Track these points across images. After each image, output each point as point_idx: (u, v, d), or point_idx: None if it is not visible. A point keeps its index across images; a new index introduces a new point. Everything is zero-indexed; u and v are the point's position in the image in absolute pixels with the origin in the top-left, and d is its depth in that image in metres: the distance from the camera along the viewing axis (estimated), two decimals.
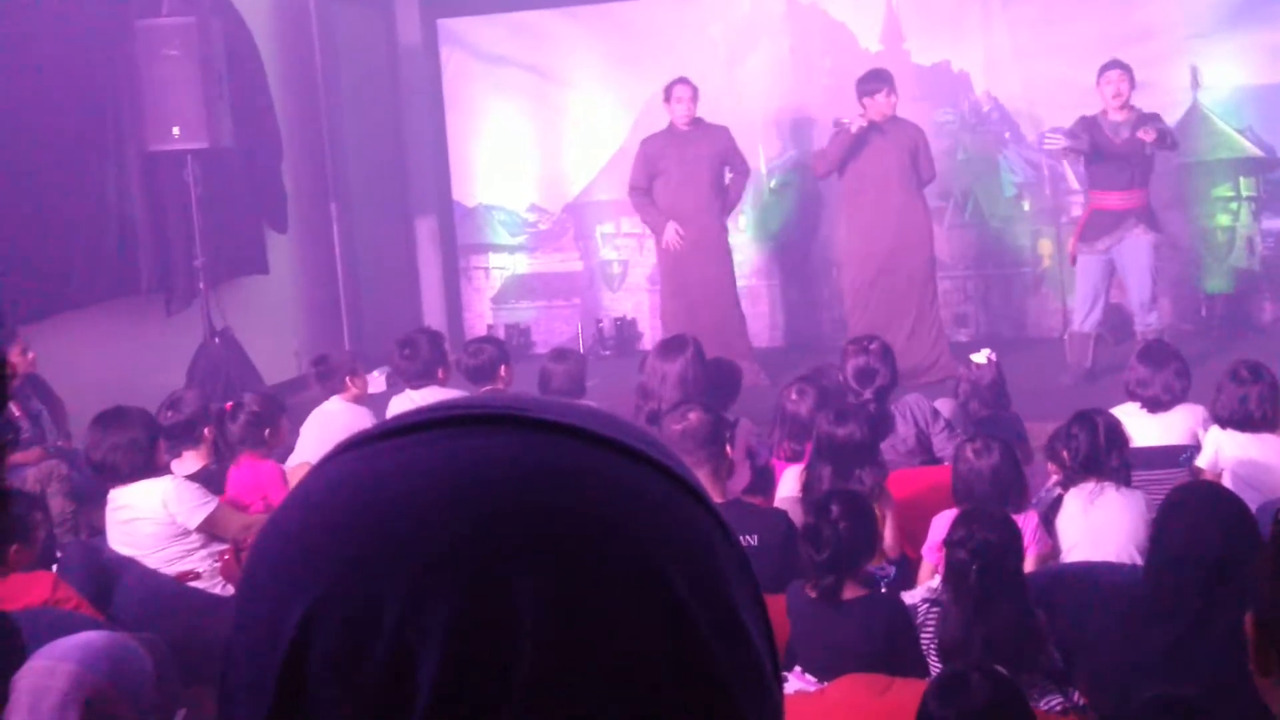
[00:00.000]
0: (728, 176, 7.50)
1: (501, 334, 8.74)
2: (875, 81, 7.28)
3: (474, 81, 9.51)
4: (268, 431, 4.84)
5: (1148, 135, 6.82)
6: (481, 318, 9.61)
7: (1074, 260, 7.24)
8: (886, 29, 8.76)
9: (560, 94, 9.39)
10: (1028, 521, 3.88)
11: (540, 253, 9.58)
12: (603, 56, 9.24)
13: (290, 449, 5.29)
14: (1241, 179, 8.32)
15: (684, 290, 7.45)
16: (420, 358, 5.49)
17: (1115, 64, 7.06)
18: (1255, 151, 8.28)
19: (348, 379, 5.55)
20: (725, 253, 7.58)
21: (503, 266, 9.66)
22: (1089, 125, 7.05)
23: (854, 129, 7.22)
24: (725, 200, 7.53)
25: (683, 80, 7.45)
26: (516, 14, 9.34)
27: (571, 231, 9.51)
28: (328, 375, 5.60)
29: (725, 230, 7.60)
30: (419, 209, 9.78)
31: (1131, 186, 6.99)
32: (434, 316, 9.34)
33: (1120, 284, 7.25)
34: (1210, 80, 8.26)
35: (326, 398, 5.55)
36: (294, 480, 4.09)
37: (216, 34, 7.08)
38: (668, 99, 7.45)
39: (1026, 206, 8.65)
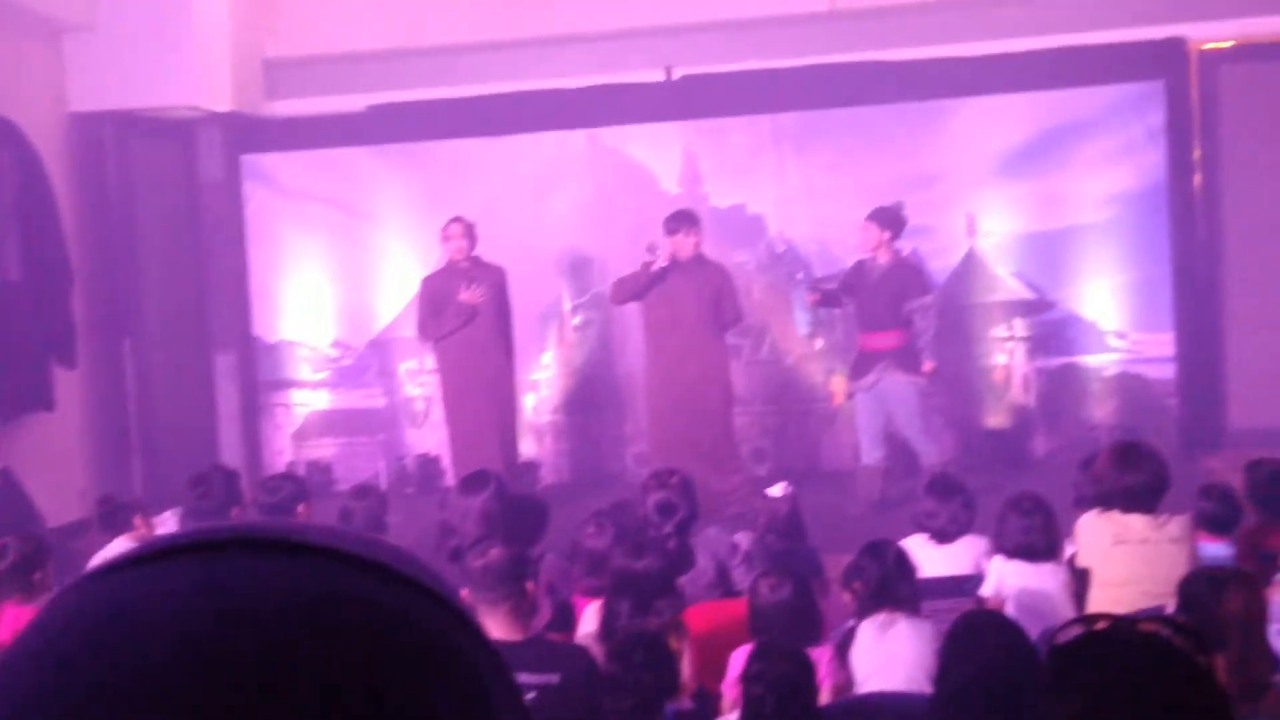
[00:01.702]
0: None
1: (302, 471, 8.58)
2: (677, 221, 7.55)
3: (278, 217, 9.46)
4: (36, 576, 4.63)
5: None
6: (282, 455, 9.42)
7: (847, 397, 7.64)
8: (685, 172, 9.06)
9: (366, 230, 9.41)
10: (822, 654, 3.97)
11: (343, 389, 9.48)
12: (409, 193, 9.32)
13: None
14: (1016, 320, 8.80)
15: (473, 419, 7.51)
16: (214, 496, 5.36)
17: (871, 215, 7.50)
18: (1028, 294, 8.79)
19: (136, 520, 5.36)
20: (511, 390, 7.67)
21: (304, 403, 9.52)
22: (856, 270, 7.51)
23: (655, 267, 7.44)
24: (510, 341, 7.64)
25: (457, 219, 7.60)
26: (323, 150, 9.36)
27: (375, 367, 9.45)
28: (112, 516, 5.40)
29: (512, 367, 7.71)
30: (219, 344, 9.59)
31: (888, 328, 7.40)
32: (232, 454, 9.11)
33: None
34: (986, 227, 8.76)
35: (111, 541, 5.35)
36: None
37: (5, 165, 6.90)
38: (447, 236, 7.58)
39: (819, 344, 8.97)
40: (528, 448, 7.99)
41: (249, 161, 9.45)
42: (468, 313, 7.47)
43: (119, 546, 5.26)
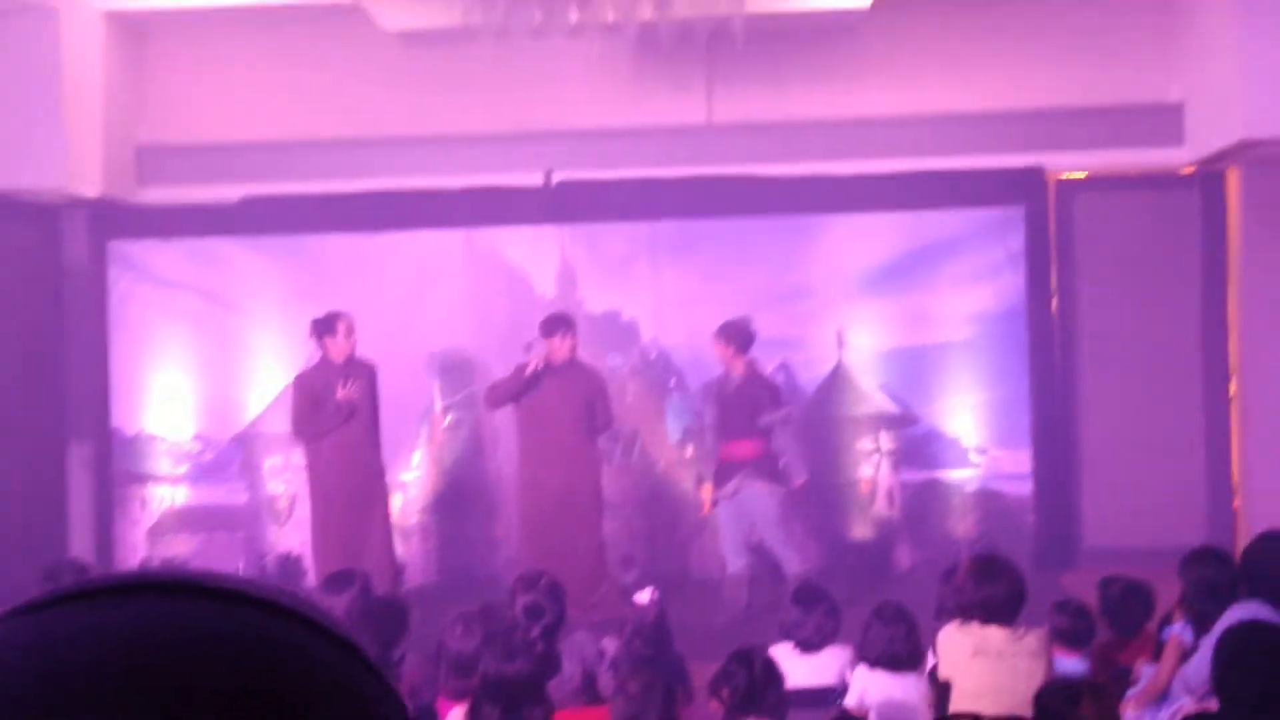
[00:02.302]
0: None
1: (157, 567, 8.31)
2: (554, 325, 7.61)
3: (144, 306, 9.25)
4: None
5: (764, 424, 7.53)
6: (136, 551, 9.12)
7: (712, 505, 7.72)
8: (561, 276, 9.13)
9: (234, 322, 9.25)
10: None
11: (203, 484, 9.24)
12: (279, 287, 9.20)
13: None
14: (882, 433, 8.98)
15: (342, 518, 7.38)
16: None
17: (717, 331, 7.71)
18: (893, 408, 8.98)
19: None
20: (383, 490, 7.62)
21: (162, 498, 9.25)
22: (719, 380, 7.63)
23: (531, 370, 7.46)
24: (380, 440, 7.59)
25: (341, 315, 7.51)
26: (192, 239, 9.22)
27: (238, 462, 9.24)
28: None
29: (383, 466, 7.65)
30: (74, 434, 9.30)
31: (746, 438, 7.51)
32: (83, 548, 8.80)
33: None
34: (854, 341, 8.96)
35: None
36: None
37: None
38: (332, 332, 7.45)
39: (690, 451, 9.02)
40: (395, 548, 7.84)
41: (116, 248, 9.26)
42: (345, 411, 7.36)
43: None
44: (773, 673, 4.31)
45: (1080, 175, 9.16)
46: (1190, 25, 8.76)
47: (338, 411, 7.36)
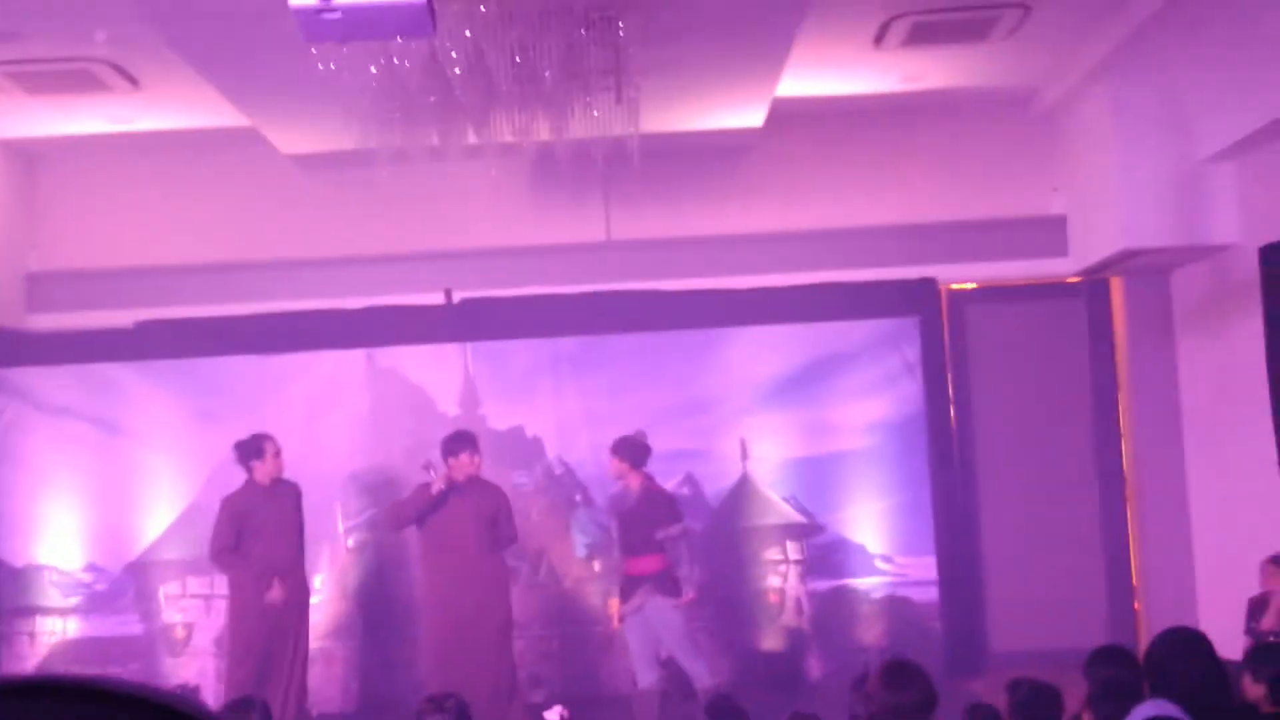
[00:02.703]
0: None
1: None
2: (458, 443, 7.56)
3: (31, 433, 9.01)
4: None
5: (664, 537, 7.50)
6: None
7: (620, 621, 7.64)
8: (463, 393, 9.09)
9: (126, 448, 9.04)
10: None
11: (95, 616, 8.93)
12: (177, 411, 9.03)
13: None
14: (789, 543, 9.00)
15: (258, 649, 7.20)
16: None
17: (612, 447, 7.69)
18: (799, 518, 9.02)
19: None
20: (305, 614, 7.47)
21: (52, 631, 8.92)
22: (617, 498, 7.62)
23: (434, 489, 7.38)
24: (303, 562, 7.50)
25: (268, 437, 7.45)
26: (83, 365, 9.04)
27: (132, 592, 8.96)
28: None
29: (307, 590, 7.54)
30: None
31: (646, 553, 7.48)
32: None
33: None
34: (758, 452, 9.01)
35: None
36: None
37: None
38: (259, 455, 7.36)
39: (597, 566, 8.95)
40: (307, 674, 7.64)
41: (3, 375, 9.04)
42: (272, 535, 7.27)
43: None
44: None
45: (971, 286, 9.40)
46: (1071, 141, 9.11)
47: (262, 534, 7.22)
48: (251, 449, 7.42)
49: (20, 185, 9.24)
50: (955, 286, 9.34)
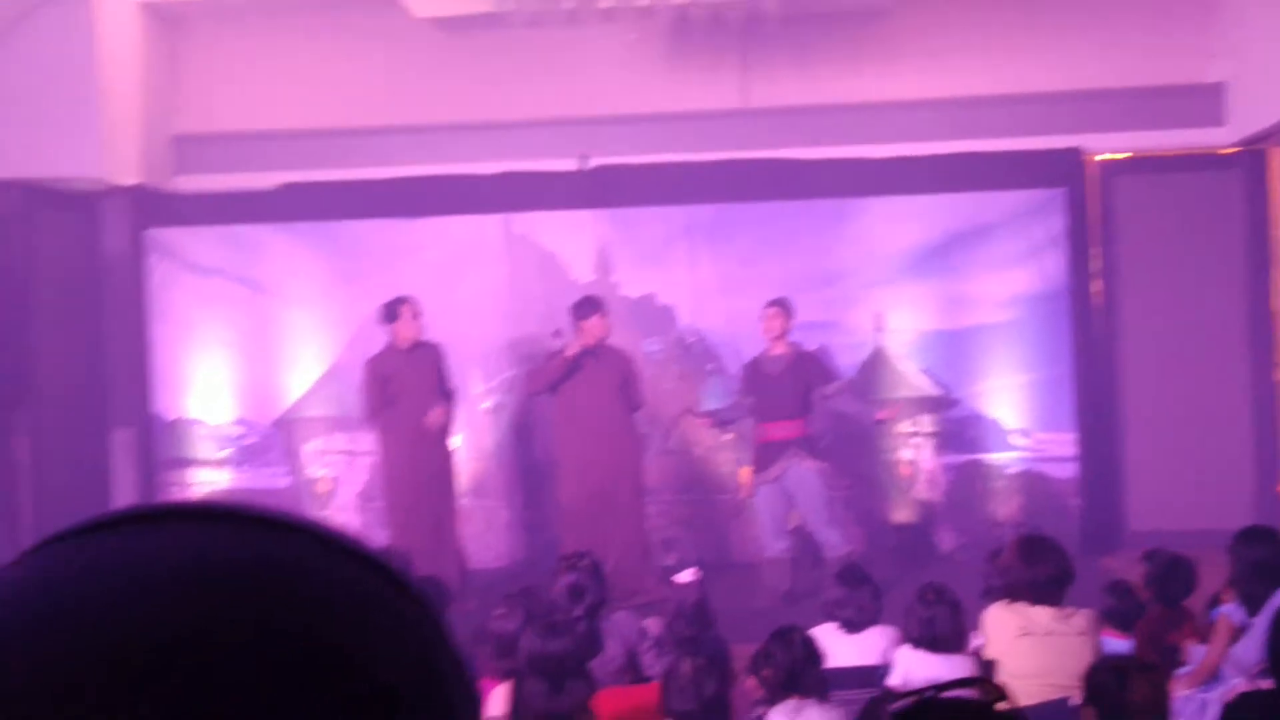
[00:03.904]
0: None
1: None
2: (587, 306, 7.60)
3: (182, 292, 9.30)
4: None
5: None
6: None
7: (753, 491, 7.66)
8: (597, 261, 9.11)
9: (272, 307, 9.29)
10: None
11: (245, 468, 9.28)
12: (318, 272, 9.23)
13: None
14: (922, 416, 8.92)
15: (413, 501, 7.43)
16: None
17: (771, 302, 7.59)
18: (934, 391, 8.92)
19: None
20: (450, 468, 7.64)
21: (205, 483, 9.30)
22: (753, 366, 7.57)
23: (570, 354, 7.45)
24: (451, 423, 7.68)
25: (406, 299, 7.56)
26: (229, 226, 9.26)
27: (279, 447, 9.28)
28: None
29: (450, 450, 7.73)
30: (116, 421, 9.35)
31: (790, 418, 7.46)
32: None
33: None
34: (893, 324, 8.90)
35: None
36: None
37: None
38: (396, 316, 7.50)
39: (728, 435, 8.99)
40: (459, 532, 7.88)
41: (154, 236, 9.31)
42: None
43: None
44: (813, 652, 4.29)
45: (1121, 156, 9.06)
46: (1232, 5, 8.65)
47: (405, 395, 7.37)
48: (389, 311, 7.55)
49: (165, 48, 9.39)
50: (1104, 157, 9.01)
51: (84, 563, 0.53)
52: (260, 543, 0.54)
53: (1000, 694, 1.93)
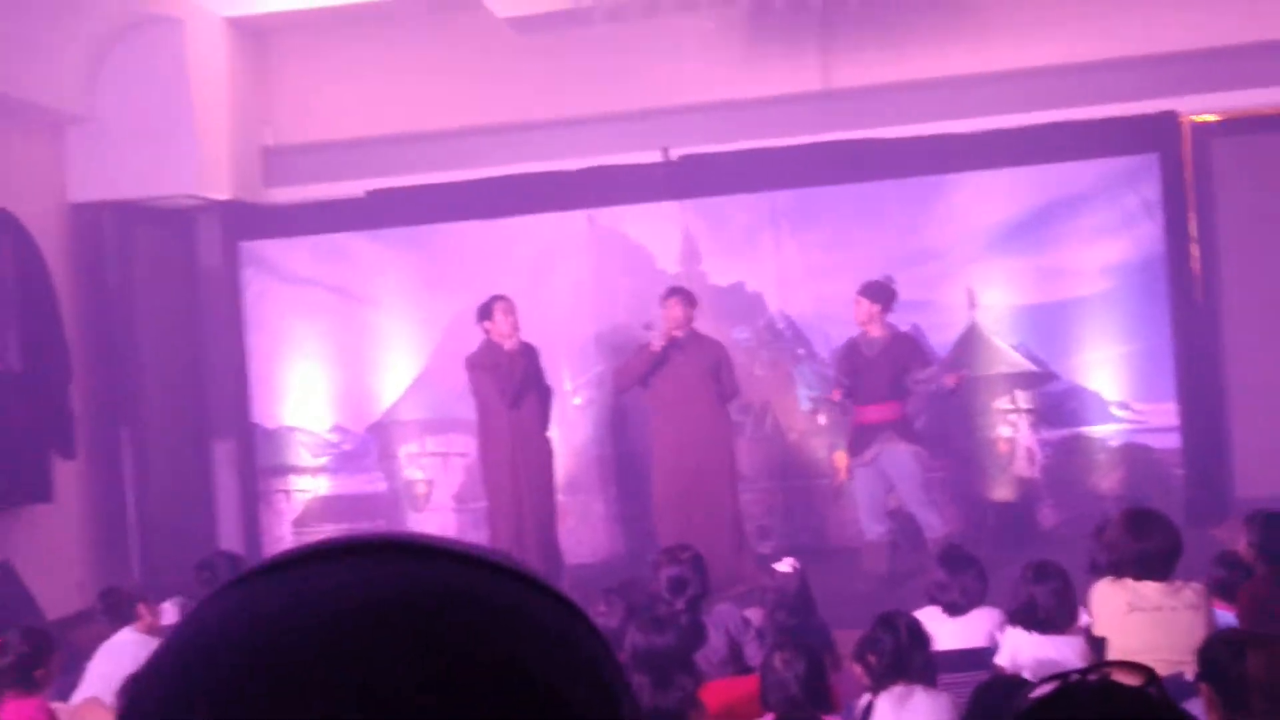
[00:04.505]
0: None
1: None
2: (671, 294, 7.60)
3: (276, 302, 9.47)
4: (39, 672, 4.55)
5: (950, 382, 7.39)
6: (282, 542, 9.34)
7: (850, 474, 7.60)
8: (684, 251, 9.10)
9: (364, 314, 9.42)
10: None
11: (343, 474, 9.43)
12: (407, 277, 9.34)
13: (69, 685, 4.99)
14: (1018, 392, 8.79)
15: (513, 500, 7.49)
16: (219, 581, 5.29)
17: (861, 290, 7.53)
18: (1030, 366, 8.78)
19: (141, 608, 5.30)
20: (550, 466, 7.70)
21: (304, 489, 9.46)
22: (850, 347, 7.52)
23: (656, 346, 7.45)
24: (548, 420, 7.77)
25: (503, 298, 7.60)
26: (320, 236, 9.40)
27: (375, 452, 9.41)
28: (116, 607, 5.35)
29: (551, 448, 7.79)
30: (217, 431, 9.56)
31: (886, 400, 7.39)
32: (231, 541, 9.04)
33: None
34: (986, 300, 8.78)
35: (113, 631, 5.29)
36: None
37: (4, 255, 6.92)
38: (489, 315, 7.53)
39: (822, 420, 8.94)
40: (557, 529, 7.93)
41: (247, 248, 9.49)
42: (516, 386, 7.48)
43: (124, 637, 5.19)
44: (919, 636, 4.24)
45: (1215, 118, 8.84)
46: None
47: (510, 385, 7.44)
48: (484, 310, 7.60)
49: (252, 63, 9.55)
50: (1198, 119, 8.79)
51: (283, 602, 0.54)
52: (450, 575, 0.56)
53: (1152, 676, 1.88)
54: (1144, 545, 4.53)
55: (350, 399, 9.45)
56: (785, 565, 5.41)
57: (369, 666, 0.51)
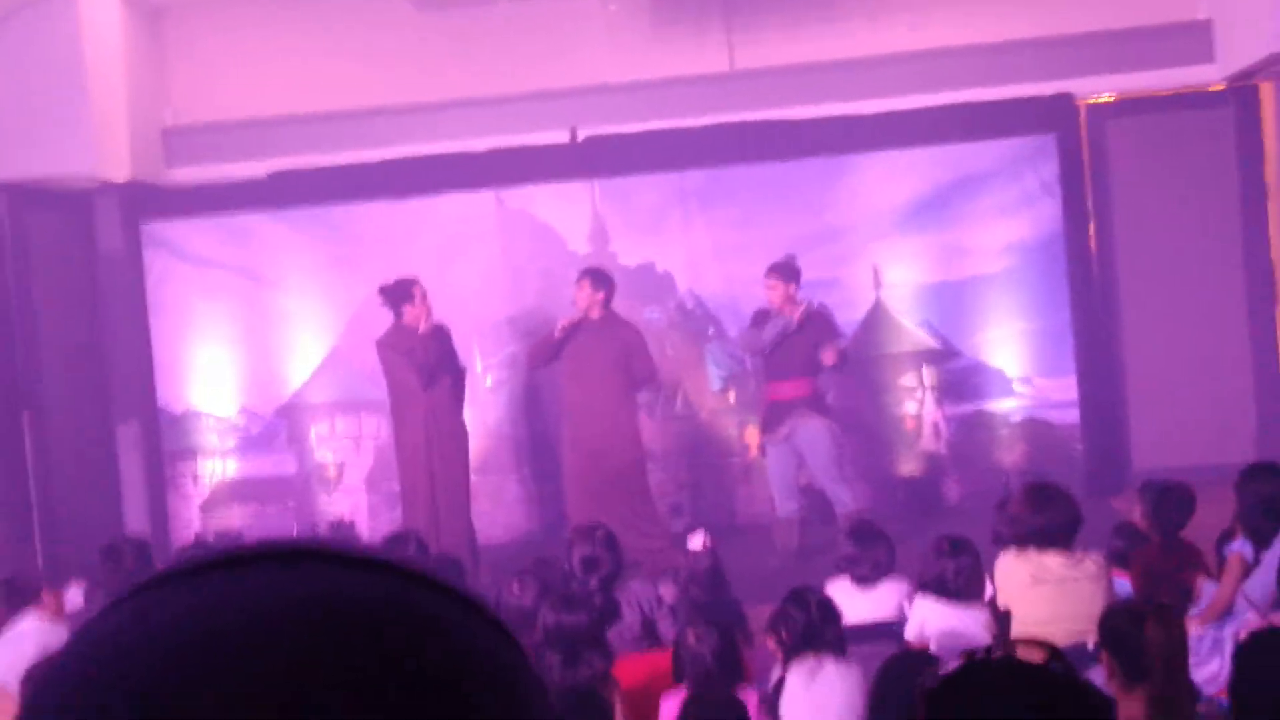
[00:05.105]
0: None
1: (212, 541, 8.40)
2: (584, 275, 7.63)
3: (180, 285, 9.31)
4: None
5: (829, 358, 7.36)
6: (190, 526, 9.22)
7: (762, 451, 7.68)
8: (593, 231, 9.11)
9: (270, 296, 9.30)
10: (748, 699, 3.97)
11: (251, 457, 9.32)
12: (313, 259, 9.24)
13: None
14: (924, 369, 8.94)
15: (426, 482, 7.45)
16: (124, 567, 5.24)
17: (770, 271, 7.59)
18: (934, 344, 8.94)
19: (44, 593, 5.22)
20: (465, 447, 7.67)
21: (212, 473, 9.34)
22: (760, 317, 7.58)
23: (564, 324, 7.48)
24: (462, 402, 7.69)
25: (415, 281, 7.52)
26: (223, 217, 9.26)
27: (284, 434, 9.31)
28: (17, 594, 5.26)
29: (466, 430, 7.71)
30: (121, 416, 9.39)
31: (800, 376, 7.48)
32: (137, 526, 8.90)
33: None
34: (891, 279, 8.91)
35: (17, 616, 5.19)
36: None
37: None
38: (409, 298, 7.44)
39: (732, 398, 9.02)
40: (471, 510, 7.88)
41: (149, 230, 9.31)
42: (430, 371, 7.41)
43: (27, 624, 5.10)
44: (829, 611, 4.32)
45: (1110, 99, 9.04)
46: None
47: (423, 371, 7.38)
48: (401, 293, 7.48)
49: (150, 41, 9.36)
50: (1093, 100, 8.99)
51: (206, 607, 0.54)
52: (372, 586, 0.55)
53: (1054, 653, 1.94)
54: (1045, 518, 4.65)
55: (257, 381, 9.34)
56: (697, 542, 5.46)
57: (293, 675, 0.51)
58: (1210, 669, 4.61)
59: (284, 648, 0.51)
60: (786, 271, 7.61)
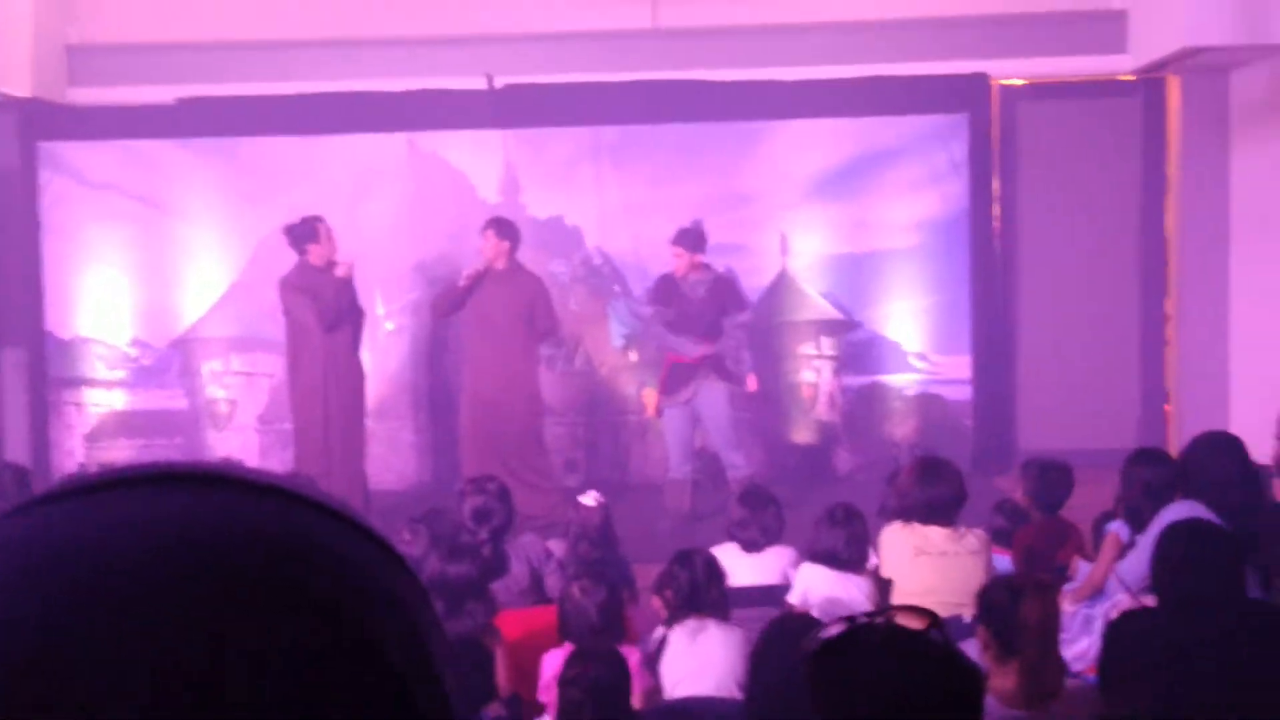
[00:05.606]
0: None
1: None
2: (489, 225, 7.58)
3: (76, 207, 9.06)
4: None
5: (752, 385, 7.72)
6: (72, 456, 9.02)
7: (658, 413, 7.72)
8: (504, 181, 9.04)
9: (170, 225, 9.09)
10: (630, 657, 4.00)
11: (141, 389, 9.12)
12: (217, 190, 9.04)
13: None
14: (824, 338, 9.03)
15: (322, 424, 7.36)
16: (3, 494, 5.12)
17: (676, 239, 7.58)
18: (836, 314, 9.03)
19: None
20: (362, 391, 7.60)
21: (99, 403, 9.13)
22: (667, 283, 7.57)
23: (469, 274, 7.42)
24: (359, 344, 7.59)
25: (320, 219, 7.41)
26: (126, 141, 9.01)
27: (176, 368, 9.13)
28: None
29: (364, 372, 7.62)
30: (6, 339, 9.14)
31: (703, 340, 7.52)
32: (18, 454, 8.69)
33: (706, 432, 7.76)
34: (798, 247, 8.97)
35: None
36: None
37: None
38: (314, 237, 7.33)
39: (633, 357, 9.03)
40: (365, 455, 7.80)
41: (47, 149, 9.04)
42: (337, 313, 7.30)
43: None
44: (714, 572, 4.37)
45: (1023, 82, 9.16)
46: None
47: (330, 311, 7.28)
48: (306, 232, 7.37)
49: None
50: (1006, 82, 9.10)
51: (99, 527, 0.51)
52: (272, 512, 0.54)
53: (934, 620, 1.98)
54: (931, 493, 4.74)
55: (152, 312, 9.13)
56: (589, 499, 5.47)
57: (195, 601, 0.49)
58: (1080, 646, 4.73)
59: (191, 576, 0.50)
60: (692, 239, 7.59)
